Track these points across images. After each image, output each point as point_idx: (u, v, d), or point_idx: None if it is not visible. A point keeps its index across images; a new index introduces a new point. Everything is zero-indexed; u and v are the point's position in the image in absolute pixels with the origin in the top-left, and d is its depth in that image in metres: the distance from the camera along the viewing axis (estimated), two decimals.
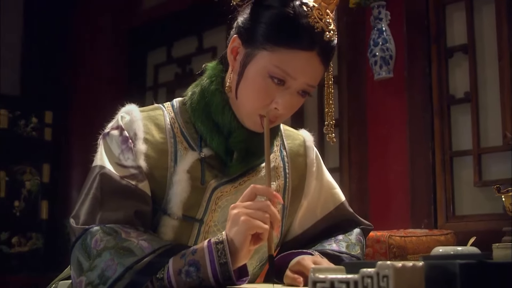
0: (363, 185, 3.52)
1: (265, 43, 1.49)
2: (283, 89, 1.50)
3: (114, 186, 1.53)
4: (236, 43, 1.56)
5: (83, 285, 1.44)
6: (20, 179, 4.96)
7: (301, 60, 1.48)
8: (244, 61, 1.53)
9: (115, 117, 1.63)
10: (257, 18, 1.52)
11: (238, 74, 1.55)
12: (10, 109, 4.96)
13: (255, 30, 1.52)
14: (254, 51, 1.51)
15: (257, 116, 1.54)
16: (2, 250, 4.84)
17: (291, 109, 1.55)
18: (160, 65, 5.20)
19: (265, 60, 1.50)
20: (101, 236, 1.45)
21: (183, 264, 1.39)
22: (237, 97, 1.56)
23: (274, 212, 1.38)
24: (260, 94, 1.52)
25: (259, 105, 1.52)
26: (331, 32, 1.50)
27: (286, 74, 1.48)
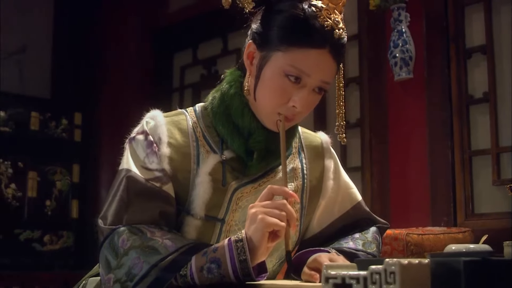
0: (384, 184, 3.52)
1: (279, 44, 1.54)
2: (299, 87, 1.55)
3: (139, 188, 1.57)
4: (252, 48, 1.61)
5: (111, 282, 1.48)
6: (51, 179, 4.98)
7: (314, 57, 1.53)
8: (260, 64, 1.58)
9: (140, 122, 1.68)
10: (270, 22, 1.57)
11: (255, 77, 1.60)
12: (41, 112, 4.98)
13: (268, 34, 1.57)
14: (269, 54, 1.56)
15: (276, 115, 1.58)
16: (35, 248, 4.85)
17: (308, 107, 1.59)
18: (186, 67, 5.20)
19: (280, 60, 1.54)
20: (127, 235, 1.50)
21: (205, 262, 1.43)
22: (256, 99, 1.60)
23: (290, 210, 1.42)
24: (278, 93, 1.56)
25: (277, 104, 1.57)
26: (340, 30, 1.54)
27: (301, 72, 1.53)
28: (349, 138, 3.84)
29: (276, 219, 1.41)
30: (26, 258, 4.80)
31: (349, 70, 3.88)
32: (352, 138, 3.83)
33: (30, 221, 4.86)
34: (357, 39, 3.84)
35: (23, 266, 4.75)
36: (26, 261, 4.80)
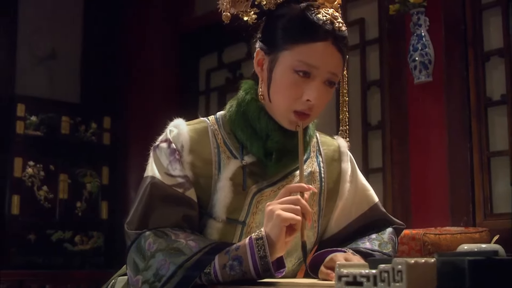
0: (405, 184, 3.54)
1: (285, 44, 1.60)
2: (310, 81, 1.60)
3: (163, 194, 1.63)
4: (260, 55, 1.67)
5: (140, 283, 1.54)
6: (81, 181, 5.04)
7: (319, 50, 1.58)
8: (270, 67, 1.64)
9: (164, 131, 1.73)
10: (272, 27, 1.64)
11: (267, 79, 1.65)
12: (71, 116, 5.03)
13: (273, 37, 1.63)
14: (277, 55, 1.62)
15: (291, 113, 1.62)
16: (66, 248, 4.90)
17: (321, 100, 1.63)
18: (212, 70, 5.23)
19: (287, 58, 1.60)
20: (153, 239, 1.55)
21: (228, 259, 1.48)
22: (271, 100, 1.65)
23: (304, 204, 1.48)
24: (290, 90, 1.61)
25: (292, 100, 1.62)
26: (339, 23, 1.61)
27: (309, 66, 1.58)
28: (371, 140, 3.88)
29: (291, 213, 1.46)
30: (58, 257, 4.83)
31: (370, 73, 3.92)
32: (374, 140, 3.86)
33: (61, 222, 4.90)
34: (378, 43, 3.86)
35: (55, 266, 4.78)
36: (58, 260, 4.82)
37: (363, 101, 3.92)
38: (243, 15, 1.68)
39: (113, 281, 1.84)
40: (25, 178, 4.80)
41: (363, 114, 3.92)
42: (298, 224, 1.48)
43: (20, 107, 4.81)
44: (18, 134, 4.79)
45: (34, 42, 5.35)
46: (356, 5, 4.06)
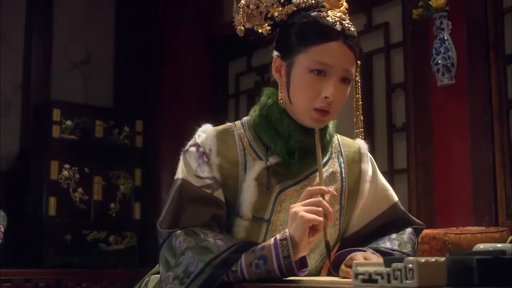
0: (429, 185, 3.55)
1: (299, 47, 1.69)
2: (326, 79, 1.68)
3: (193, 195, 1.70)
4: (278, 62, 1.76)
5: (170, 279, 1.61)
6: (115, 183, 5.08)
7: (332, 49, 1.68)
8: (287, 71, 1.72)
9: (193, 136, 1.81)
10: (286, 35, 1.74)
11: (286, 82, 1.73)
12: (105, 120, 5.07)
13: (288, 44, 1.72)
14: (293, 59, 1.71)
15: (312, 111, 1.70)
16: (101, 248, 4.95)
17: (338, 96, 1.71)
18: (241, 74, 5.27)
19: (303, 60, 1.69)
20: (183, 237, 1.63)
21: (253, 258, 1.55)
22: (291, 102, 1.73)
23: (326, 205, 1.55)
24: (309, 89, 1.70)
25: (311, 98, 1.70)
26: (348, 24, 1.71)
27: (324, 65, 1.67)
28: (395, 141, 3.91)
29: (314, 215, 1.53)
30: (93, 257, 4.90)
31: (395, 76, 3.95)
32: (398, 142, 3.88)
33: (96, 223, 4.97)
34: (402, 46, 3.89)
35: (91, 265, 4.84)
36: (93, 259, 4.89)
37: (388, 104, 3.95)
38: (258, 28, 1.78)
39: (146, 279, 1.92)
40: (61, 180, 4.83)
41: (388, 116, 3.95)
42: (321, 225, 1.55)
43: (56, 112, 4.84)
44: (54, 138, 4.83)
45: (69, 48, 5.44)
46: (381, 9, 4.10)
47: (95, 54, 5.57)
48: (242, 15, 1.77)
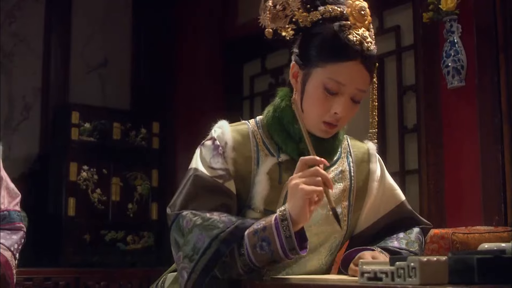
0: (440, 185, 3.55)
1: (318, 61, 1.75)
2: (338, 97, 1.74)
3: (204, 184, 1.77)
4: (295, 69, 1.82)
5: (181, 258, 1.67)
6: (132, 184, 5.12)
7: (348, 69, 1.73)
8: (304, 80, 1.78)
9: (210, 131, 1.88)
10: (308, 44, 1.78)
11: (300, 92, 1.80)
12: (122, 122, 5.10)
13: (308, 54, 1.77)
14: (310, 70, 1.76)
15: (321, 123, 1.78)
16: (119, 247, 4.99)
17: (347, 113, 1.78)
18: (255, 76, 5.26)
19: (319, 75, 1.75)
20: (190, 217, 1.69)
21: (257, 240, 1.61)
22: (303, 110, 1.80)
23: (323, 173, 1.61)
24: (320, 104, 1.76)
25: (321, 112, 1.76)
26: (368, 43, 1.74)
27: (338, 83, 1.73)
28: (407, 142, 3.93)
29: (313, 186, 1.58)
30: (111, 256, 4.93)
31: (406, 78, 3.97)
32: (410, 143, 3.90)
33: (114, 223, 5.00)
34: (413, 49, 3.90)
35: (109, 264, 4.86)
36: (111, 259, 4.92)
37: (399, 105, 3.97)
38: (281, 31, 1.81)
39: (163, 277, 1.98)
40: (80, 181, 4.87)
41: (399, 117, 3.96)
42: (321, 194, 1.60)
43: (75, 115, 4.87)
44: (73, 140, 4.87)
45: (86, 51, 5.49)
46: (392, 12, 4.12)
47: (112, 57, 5.61)
48: (268, 15, 1.81)
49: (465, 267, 1.34)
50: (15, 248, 2.49)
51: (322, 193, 1.61)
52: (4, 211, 2.52)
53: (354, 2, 1.78)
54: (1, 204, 2.52)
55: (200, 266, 1.63)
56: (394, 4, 4.11)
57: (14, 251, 2.48)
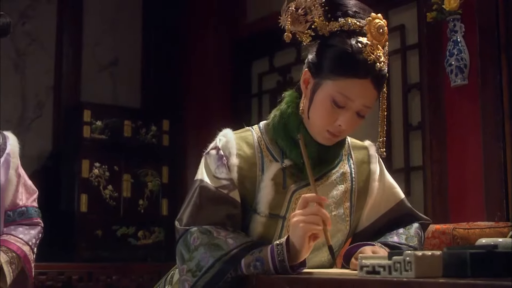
0: (443, 181, 3.59)
1: (329, 74, 1.75)
2: (344, 110, 1.76)
3: (210, 195, 1.80)
4: (307, 75, 1.82)
5: (184, 271, 1.72)
6: (143, 180, 5.14)
7: (358, 86, 1.74)
8: (313, 89, 1.80)
9: (215, 139, 1.91)
10: (323, 55, 1.78)
11: (309, 99, 1.81)
12: (133, 120, 5.13)
13: (321, 64, 1.78)
14: (321, 81, 1.77)
15: (325, 132, 1.80)
16: (130, 243, 5.03)
17: (351, 126, 1.80)
18: (264, 74, 5.27)
19: (329, 87, 1.76)
20: (198, 235, 1.73)
21: (252, 260, 1.66)
22: (309, 118, 1.82)
23: (324, 212, 1.64)
24: (326, 115, 1.78)
25: (326, 123, 1.79)
26: (381, 63, 1.73)
27: (346, 98, 1.74)
28: (411, 140, 3.95)
29: (313, 224, 1.63)
30: (123, 251, 4.98)
31: (411, 76, 4.00)
32: (414, 140, 3.93)
33: (125, 219, 5.03)
34: (418, 48, 3.94)
35: (120, 259, 4.91)
36: (123, 254, 4.97)
37: (404, 103, 4.00)
38: (299, 35, 1.80)
39: (172, 272, 2.02)
40: (92, 178, 4.92)
41: (404, 115, 4.00)
42: (320, 232, 1.64)
43: (86, 113, 4.93)
44: (85, 138, 4.92)
45: (98, 50, 5.54)
46: (397, 12, 4.15)
47: (123, 56, 5.64)
48: (289, 17, 1.80)
49: (458, 261, 1.37)
50: (33, 242, 2.54)
51: (321, 231, 1.65)
52: (22, 207, 2.57)
53: (374, 20, 1.78)
54: (20, 201, 2.57)
55: (202, 283, 1.69)
56: (399, 3, 4.14)
57: (32, 245, 2.53)
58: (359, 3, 1.85)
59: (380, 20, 1.80)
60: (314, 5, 1.80)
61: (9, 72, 4.88)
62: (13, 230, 2.53)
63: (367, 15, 1.79)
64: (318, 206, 1.67)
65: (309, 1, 1.81)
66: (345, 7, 1.81)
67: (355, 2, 1.84)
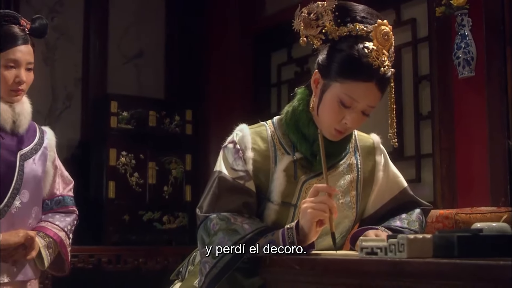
0: (451, 168, 3.65)
1: (337, 77, 1.88)
2: (349, 110, 1.90)
3: (227, 185, 1.95)
4: (317, 76, 1.95)
5: (205, 254, 1.87)
6: (167, 168, 5.23)
7: (363, 88, 1.87)
8: (322, 89, 1.93)
9: (232, 134, 2.05)
10: (332, 58, 1.90)
11: (318, 98, 1.95)
12: (157, 110, 5.22)
13: (330, 67, 1.90)
14: (329, 82, 1.91)
15: (332, 129, 1.94)
16: (156, 227, 5.13)
17: (356, 124, 1.95)
18: (282, 65, 5.30)
19: (337, 89, 1.89)
20: (216, 221, 1.87)
21: (265, 242, 1.80)
22: (318, 115, 1.96)
23: (331, 202, 1.78)
24: (334, 113, 1.92)
25: (333, 121, 1.93)
26: (385, 67, 1.86)
27: (352, 99, 1.87)
28: (422, 128, 4.00)
29: (321, 211, 1.77)
30: (149, 235, 5.08)
31: (421, 68, 4.06)
32: (424, 129, 3.99)
33: (151, 204, 5.13)
34: (428, 41, 3.99)
35: (147, 242, 5.03)
36: (149, 237, 5.07)
37: (415, 94, 4.05)
38: (311, 39, 1.92)
39: (194, 254, 2.18)
40: (119, 166, 5.03)
41: (415, 105, 4.05)
42: (326, 219, 1.78)
43: (113, 104, 5.03)
44: (112, 128, 5.02)
45: (123, 43, 5.62)
46: (409, 6, 4.20)
47: (147, 49, 5.71)
48: (302, 21, 1.91)
49: (447, 243, 1.49)
50: (69, 229, 2.69)
51: (327, 218, 1.79)
52: (59, 196, 2.73)
53: (380, 27, 1.89)
54: (57, 190, 2.73)
55: (221, 264, 1.82)
56: None
57: (67, 231, 2.68)
58: (368, 8, 1.96)
59: (385, 26, 1.91)
60: (326, 11, 1.90)
61: (40, 66, 4.89)
62: (51, 217, 2.68)
63: (375, 20, 1.91)
64: (327, 195, 1.80)
65: (320, 7, 1.91)
66: (354, 12, 1.92)
67: (363, 7, 1.95)
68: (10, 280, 2.54)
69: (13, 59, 2.51)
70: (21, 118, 2.58)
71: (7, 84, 2.52)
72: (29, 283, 2.63)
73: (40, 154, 2.65)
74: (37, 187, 2.62)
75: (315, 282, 1.73)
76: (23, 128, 2.59)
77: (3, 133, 2.54)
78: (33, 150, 2.62)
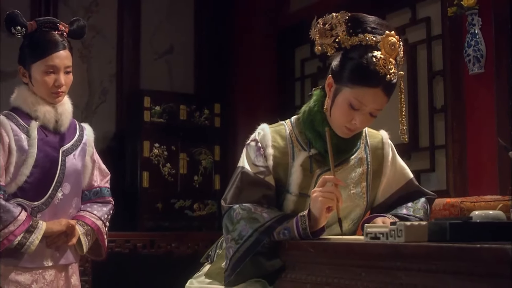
0: (463, 159, 3.76)
1: (348, 83, 2.05)
2: (358, 112, 2.06)
3: (249, 179, 2.12)
4: (331, 80, 2.12)
5: (229, 240, 2.05)
6: (197, 158, 5.37)
7: (371, 93, 2.03)
8: (335, 93, 2.10)
9: (254, 132, 2.22)
10: (343, 65, 2.06)
11: (331, 101, 2.11)
12: (187, 104, 5.36)
13: (342, 74, 2.07)
14: (341, 87, 2.07)
15: (343, 127, 2.10)
16: (187, 214, 5.28)
17: (364, 124, 2.12)
18: (305, 60, 5.35)
19: (347, 93, 2.06)
20: (239, 211, 2.05)
21: (281, 229, 1.99)
22: (330, 115, 2.13)
23: (338, 191, 1.96)
24: (344, 115, 2.09)
25: (344, 121, 2.09)
26: (391, 75, 2.01)
27: (361, 103, 2.04)
28: (436, 121, 4.11)
29: (329, 199, 1.94)
30: (180, 222, 5.23)
31: (435, 64, 4.15)
32: (438, 122, 4.09)
33: (182, 193, 5.27)
34: (441, 39, 4.09)
35: (179, 228, 5.17)
36: (180, 224, 5.22)
37: (430, 88, 4.15)
38: (326, 47, 2.08)
39: (221, 239, 2.29)
40: (152, 157, 5.17)
41: (429, 99, 4.14)
42: (334, 206, 1.96)
43: (146, 99, 5.18)
44: (145, 122, 5.17)
45: (154, 40, 5.74)
46: (424, 5, 4.31)
47: (177, 45, 5.80)
48: (318, 31, 2.07)
49: (440, 229, 1.66)
50: (105, 218, 2.86)
51: (335, 204, 1.96)
52: (97, 187, 2.90)
53: (387, 37, 2.03)
54: (94, 182, 2.90)
55: (243, 248, 1.99)
56: None
57: (104, 220, 2.85)
58: (378, 19, 2.12)
59: (393, 37, 2.06)
60: (339, 22, 2.05)
61: (77, 62, 4.92)
62: (89, 207, 2.86)
63: (384, 30, 2.06)
64: (335, 187, 1.97)
65: (335, 18, 2.06)
66: (365, 24, 2.07)
67: (374, 19, 2.11)
68: (54, 263, 2.73)
69: (52, 65, 2.68)
70: (63, 118, 2.75)
71: (47, 87, 2.69)
72: (70, 266, 2.82)
73: (80, 150, 2.82)
74: (77, 180, 2.79)
75: (327, 263, 1.91)
76: (64, 126, 2.77)
77: (47, 131, 2.72)
78: (74, 146, 2.79)
